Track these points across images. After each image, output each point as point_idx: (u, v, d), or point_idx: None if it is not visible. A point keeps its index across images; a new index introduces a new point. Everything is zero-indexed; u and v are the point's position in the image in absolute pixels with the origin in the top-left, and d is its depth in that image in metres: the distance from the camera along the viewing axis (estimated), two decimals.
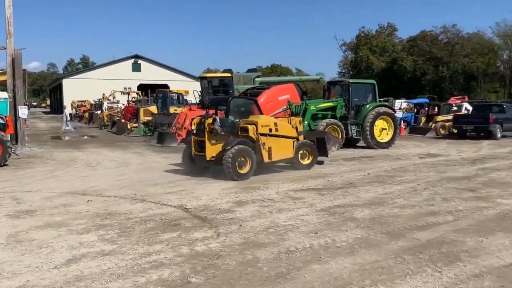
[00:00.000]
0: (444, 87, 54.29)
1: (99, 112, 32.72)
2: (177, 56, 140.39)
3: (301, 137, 10.53)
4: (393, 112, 16.55)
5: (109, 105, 34.56)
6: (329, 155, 11.20)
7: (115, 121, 26.68)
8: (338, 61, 77.28)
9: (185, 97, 26.67)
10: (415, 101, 32.87)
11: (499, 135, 19.03)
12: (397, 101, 34.37)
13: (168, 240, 5.08)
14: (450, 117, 22.16)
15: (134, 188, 8.26)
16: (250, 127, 9.39)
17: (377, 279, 3.86)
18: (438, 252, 4.54)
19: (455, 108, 25.93)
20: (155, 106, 23.98)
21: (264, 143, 9.46)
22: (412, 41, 61.95)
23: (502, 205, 6.62)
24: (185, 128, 17.16)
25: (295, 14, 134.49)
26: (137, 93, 38.67)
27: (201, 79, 22.40)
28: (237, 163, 8.93)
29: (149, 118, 22.28)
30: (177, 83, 45.68)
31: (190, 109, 20.21)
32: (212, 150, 9.32)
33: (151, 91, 39.59)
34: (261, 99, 15.53)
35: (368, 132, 15.14)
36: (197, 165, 9.85)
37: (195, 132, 9.74)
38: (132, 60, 53.99)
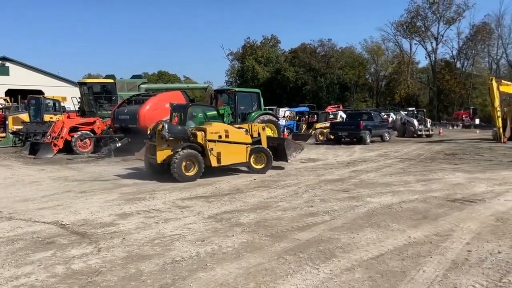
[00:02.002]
0: (322, 96, 58.76)
1: None
2: (54, 60, 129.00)
3: (264, 143, 11.17)
4: (277, 120, 17.36)
5: None
6: (289, 161, 11.76)
7: None
8: (226, 70, 78.80)
9: (62, 104, 24.66)
10: (296, 109, 35.00)
11: (368, 140, 21.22)
12: (281, 109, 36.23)
13: (40, 260, 4.61)
14: (327, 124, 24.06)
15: (0, 205, 7.36)
16: (198, 133, 9.99)
17: (261, 281, 3.99)
18: (316, 250, 4.86)
19: (331, 116, 28.28)
20: (27, 114, 21.73)
21: (212, 148, 10.04)
22: (293, 53, 66.02)
23: (370, 203, 7.35)
24: (62, 137, 15.86)
25: (183, 22, 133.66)
26: (4, 99, 34.60)
27: (80, 84, 20.95)
28: (183, 166, 9.58)
29: (20, 127, 20.09)
30: (53, 89, 41.99)
31: (68, 117, 18.78)
32: (162, 154, 9.87)
33: (22, 97, 35.73)
34: (146, 107, 15.14)
35: None
36: (156, 169, 10.32)
37: (149, 137, 10.23)
38: None
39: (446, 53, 62.82)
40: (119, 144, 15.21)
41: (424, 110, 33.51)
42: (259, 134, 11.25)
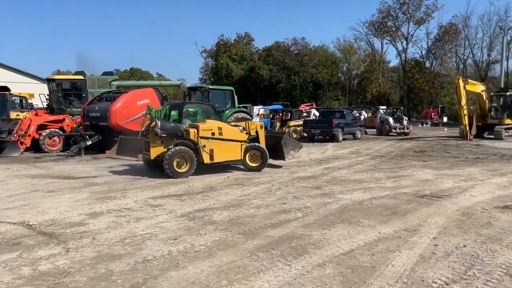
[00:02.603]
0: (296, 95, 59.20)
1: None
2: (21, 55, 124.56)
3: (262, 141, 11.18)
4: (250, 118, 17.37)
5: None
6: (286, 159, 11.65)
7: None
8: (200, 67, 78.26)
9: (30, 101, 23.89)
10: (270, 107, 35.12)
11: (340, 138, 21.53)
12: (255, 107, 36.33)
13: (5, 261, 4.46)
14: (300, 122, 24.27)
15: None
16: (191, 130, 10.09)
17: (233, 278, 3.98)
18: (288, 247, 4.90)
19: (305, 114, 28.49)
20: None
21: (204, 145, 10.09)
22: (267, 51, 66.19)
23: (342, 200, 7.47)
24: (29, 135, 15.40)
25: (156, 19, 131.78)
26: None
27: (48, 81, 20.36)
28: (175, 163, 9.72)
29: None
30: (20, 85, 40.63)
31: (36, 114, 18.24)
32: (156, 150, 10.01)
33: None
34: (118, 104, 14.87)
35: None
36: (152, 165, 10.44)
37: (144, 133, 10.48)
38: None
39: (416, 53, 64.61)
40: (90, 142, 14.90)
41: (402, 108, 33.35)
42: (257, 132, 11.30)
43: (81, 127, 16.14)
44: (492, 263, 4.36)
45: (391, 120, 27.50)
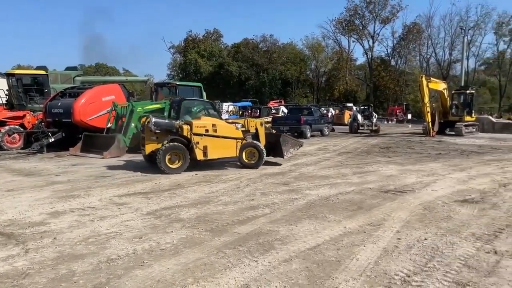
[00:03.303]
0: (265, 92, 59.43)
1: None
2: None
3: (262, 139, 11.15)
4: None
5: None
6: (285, 157, 11.53)
7: None
8: (167, 63, 77.16)
9: None
10: (239, 104, 35.11)
11: (308, 135, 21.76)
12: (224, 104, 36.16)
13: None
14: (269, 119, 24.37)
15: None
16: (185, 127, 10.15)
17: (199, 276, 3.95)
18: (255, 243, 4.91)
19: (274, 111, 28.65)
20: None
21: (198, 142, 10.15)
22: (236, 48, 66.06)
23: (309, 196, 7.55)
24: None
25: (123, 14, 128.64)
26: None
27: (7, 76, 19.50)
28: (168, 159, 9.83)
29: None
30: None
31: None
32: (150, 146, 10.18)
33: None
34: (82, 100, 14.47)
35: None
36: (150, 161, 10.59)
37: (141, 129, 10.60)
38: None
39: (381, 51, 66.34)
40: (52, 140, 14.43)
41: (372, 105, 32.85)
42: (256, 129, 11.26)
43: (43, 123, 15.58)
44: (451, 255, 4.52)
45: (359, 117, 27.47)
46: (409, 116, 45.37)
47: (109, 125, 14.20)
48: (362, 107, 30.16)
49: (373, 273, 4.02)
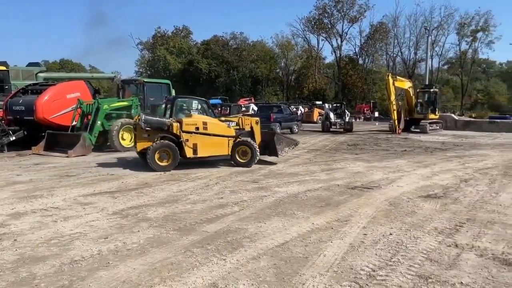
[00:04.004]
0: (235, 89, 59.30)
1: None
2: None
3: (258, 137, 11.10)
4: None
5: None
6: (279, 156, 11.31)
7: None
8: (135, 60, 75.70)
9: None
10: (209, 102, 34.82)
11: (278, 132, 21.83)
12: (193, 101, 35.77)
13: None
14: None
15: None
16: (174, 124, 10.12)
17: (166, 275, 3.90)
18: (224, 241, 4.89)
19: (244, 109, 28.62)
20: None
21: (187, 139, 10.09)
22: (206, 45, 65.58)
23: (278, 193, 7.58)
24: None
25: (87, 9, 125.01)
26: None
27: None
28: (157, 156, 9.83)
29: None
30: None
31: None
32: (141, 144, 10.16)
33: None
34: (45, 97, 14.02)
35: None
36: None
37: (134, 127, 10.52)
38: None
39: (350, 50, 66.92)
40: (13, 138, 13.90)
41: (344, 103, 31.36)
42: (252, 127, 11.15)
43: (3, 121, 14.96)
44: (415, 249, 4.64)
45: (331, 115, 26.45)
46: (376, 114, 46.30)
47: (74, 123, 13.81)
48: (335, 105, 29.66)
49: (340, 269, 4.08)
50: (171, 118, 10.79)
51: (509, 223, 5.69)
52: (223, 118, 11.73)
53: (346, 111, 27.76)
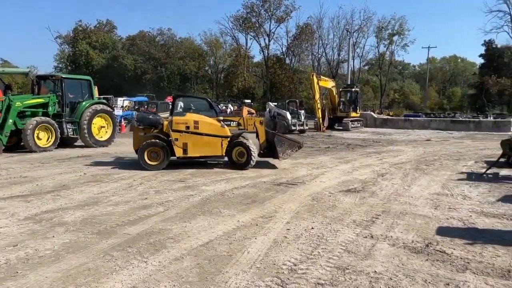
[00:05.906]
0: (163, 87, 57.96)
1: None
2: None
3: (262, 137, 10.77)
4: (111, 110, 16.39)
5: None
6: (280, 158, 10.53)
7: None
8: (54, 54, 70.89)
9: None
10: (135, 99, 33.72)
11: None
12: (119, 99, 34.42)
13: None
14: (167, 114, 23.78)
15: None
16: (165, 123, 10.13)
17: (81, 282, 3.69)
18: (146, 243, 4.74)
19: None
20: None
21: (176, 139, 9.93)
22: (131, 40, 63.35)
23: (205, 192, 7.52)
24: None
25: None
26: None
27: None
28: (147, 155, 9.84)
29: None
30: None
31: None
32: (137, 142, 10.25)
33: None
34: None
35: (86, 131, 14.54)
36: None
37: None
38: None
39: (277, 49, 68.23)
40: None
41: (298, 100, 27.87)
42: (256, 128, 10.74)
43: None
44: (334, 242, 4.84)
45: (288, 115, 23.23)
46: (303, 112, 47.70)
47: None
48: (285, 103, 25.60)
49: (263, 265, 4.13)
50: (169, 117, 10.60)
51: (418, 214, 6.15)
52: (221, 118, 11.30)
53: (300, 110, 24.69)
